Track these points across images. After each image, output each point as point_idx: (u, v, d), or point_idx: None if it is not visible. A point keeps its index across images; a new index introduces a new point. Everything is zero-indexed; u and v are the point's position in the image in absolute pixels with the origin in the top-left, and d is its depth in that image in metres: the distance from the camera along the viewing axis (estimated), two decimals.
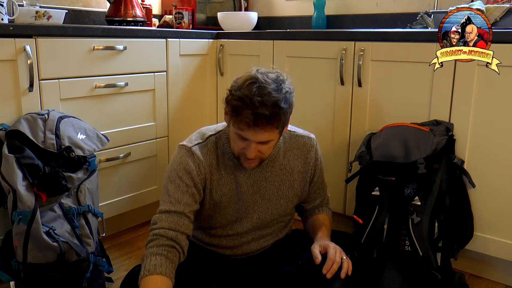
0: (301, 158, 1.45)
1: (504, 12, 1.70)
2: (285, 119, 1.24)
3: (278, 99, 1.19)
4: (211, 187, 1.35)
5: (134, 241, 2.01)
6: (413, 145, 1.58)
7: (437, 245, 1.56)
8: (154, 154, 2.09)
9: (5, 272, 1.41)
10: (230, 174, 1.36)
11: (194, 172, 1.31)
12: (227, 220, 1.42)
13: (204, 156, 1.33)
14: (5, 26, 1.54)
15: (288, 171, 1.43)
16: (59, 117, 1.60)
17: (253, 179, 1.39)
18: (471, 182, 1.62)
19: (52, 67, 1.67)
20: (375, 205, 1.56)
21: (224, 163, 1.36)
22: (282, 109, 1.20)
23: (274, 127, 1.21)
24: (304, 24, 2.62)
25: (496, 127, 1.57)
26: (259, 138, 1.22)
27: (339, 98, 1.92)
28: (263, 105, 1.16)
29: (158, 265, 1.19)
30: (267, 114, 1.17)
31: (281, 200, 1.44)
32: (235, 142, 1.28)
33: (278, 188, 1.43)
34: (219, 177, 1.35)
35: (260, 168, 1.38)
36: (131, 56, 1.92)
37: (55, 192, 1.47)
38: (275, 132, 1.24)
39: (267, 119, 1.18)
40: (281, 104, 1.19)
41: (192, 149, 1.33)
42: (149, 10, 2.47)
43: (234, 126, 1.24)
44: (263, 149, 1.27)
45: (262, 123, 1.18)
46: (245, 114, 1.17)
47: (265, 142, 1.25)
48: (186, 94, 2.20)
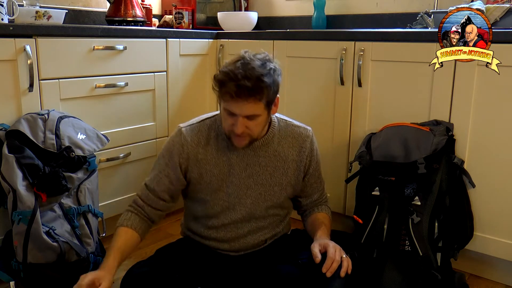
0: (295, 147, 1.46)
1: (504, 12, 1.70)
2: (269, 94, 1.28)
3: (262, 74, 1.25)
4: (200, 166, 1.40)
5: None
6: (413, 145, 1.58)
7: (437, 245, 1.56)
8: (154, 154, 2.09)
9: (5, 272, 1.41)
10: (222, 155, 1.40)
11: (175, 151, 1.40)
12: (221, 206, 1.43)
13: (191, 137, 1.40)
14: (5, 26, 1.54)
15: (282, 158, 1.44)
16: (59, 117, 1.60)
17: (246, 162, 1.41)
18: (471, 182, 1.62)
19: (52, 67, 1.67)
20: (375, 205, 1.56)
21: (217, 145, 1.41)
22: (264, 83, 1.25)
23: (257, 99, 1.26)
24: (304, 24, 2.62)
25: (496, 127, 1.57)
26: (244, 111, 1.27)
27: (339, 98, 1.92)
28: (245, 77, 1.23)
29: (127, 219, 1.41)
30: (249, 86, 1.23)
31: (275, 187, 1.45)
32: (225, 120, 1.33)
33: (272, 174, 1.44)
34: (209, 158, 1.40)
35: (252, 151, 1.41)
36: (131, 56, 1.92)
37: (55, 192, 1.47)
38: (259, 106, 1.28)
39: (249, 91, 1.23)
40: (263, 78, 1.25)
41: (182, 130, 1.41)
42: (149, 10, 2.47)
43: (221, 101, 1.30)
44: (250, 125, 1.30)
45: (244, 95, 1.24)
46: (228, 85, 1.24)
47: (251, 116, 1.29)
48: (186, 94, 2.20)
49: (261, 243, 1.50)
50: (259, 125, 1.33)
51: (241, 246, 1.48)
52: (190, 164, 1.41)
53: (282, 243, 1.53)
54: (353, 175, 1.75)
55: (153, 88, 2.05)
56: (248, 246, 1.48)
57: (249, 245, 1.48)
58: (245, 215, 1.45)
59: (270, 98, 1.30)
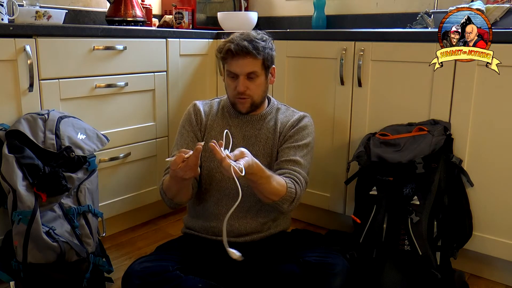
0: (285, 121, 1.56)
1: (504, 12, 1.70)
2: (264, 54, 1.46)
3: (256, 38, 1.46)
4: (207, 133, 1.56)
5: (134, 241, 2.01)
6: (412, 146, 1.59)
7: (436, 244, 1.57)
8: (154, 154, 2.09)
9: (5, 272, 1.41)
10: (226, 125, 1.55)
11: (193, 118, 1.57)
12: (221, 174, 1.48)
13: (203, 108, 1.59)
14: (5, 26, 1.54)
15: (273, 130, 1.54)
16: (59, 117, 1.60)
17: (243, 133, 1.54)
18: (469, 181, 1.62)
19: (52, 67, 1.67)
20: (372, 205, 1.57)
21: (223, 114, 1.58)
22: (259, 43, 1.45)
23: (254, 56, 1.44)
24: (304, 24, 2.62)
25: (496, 127, 1.57)
26: (244, 68, 1.44)
27: (339, 98, 1.92)
28: (242, 39, 1.44)
29: None
30: (245, 45, 1.42)
31: (268, 158, 1.53)
32: (229, 86, 1.50)
33: (264, 145, 1.53)
34: (215, 125, 1.56)
35: (250, 124, 1.54)
36: (131, 56, 1.92)
37: (55, 192, 1.47)
38: (257, 63, 1.45)
39: (246, 48, 1.42)
40: (258, 40, 1.45)
41: (195, 103, 1.61)
42: (149, 10, 2.47)
43: (225, 66, 1.49)
44: (250, 86, 1.47)
45: (242, 51, 1.43)
46: (227, 46, 1.44)
47: (250, 74, 1.45)
48: (186, 94, 2.20)
49: (259, 228, 1.51)
50: (258, 87, 1.49)
51: (241, 227, 1.49)
52: (201, 127, 1.56)
53: (283, 241, 1.54)
54: (352, 176, 1.75)
55: (153, 88, 2.05)
56: (247, 229, 1.49)
57: (247, 227, 1.49)
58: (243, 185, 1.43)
59: (266, 58, 1.47)
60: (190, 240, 1.55)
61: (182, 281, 1.29)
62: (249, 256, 1.46)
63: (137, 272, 1.33)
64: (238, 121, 1.55)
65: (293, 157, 1.48)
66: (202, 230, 1.54)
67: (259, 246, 1.50)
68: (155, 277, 1.30)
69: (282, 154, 1.51)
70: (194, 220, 1.57)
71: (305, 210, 2.16)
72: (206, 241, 1.52)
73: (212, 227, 1.52)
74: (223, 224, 1.19)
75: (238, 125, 1.55)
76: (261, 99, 1.53)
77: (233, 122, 1.55)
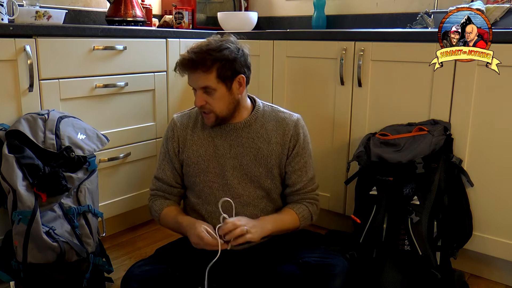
0: (279, 130, 1.50)
1: (504, 12, 1.70)
2: (218, 67, 1.37)
3: (210, 48, 1.38)
4: (188, 147, 1.51)
5: (134, 241, 2.01)
6: (412, 146, 1.59)
7: (436, 244, 1.56)
8: (154, 154, 2.09)
9: (5, 272, 1.41)
10: (208, 136, 1.50)
11: (169, 136, 1.54)
12: (210, 188, 1.49)
13: (181, 121, 1.54)
14: (5, 26, 1.54)
15: (265, 139, 1.49)
16: (59, 117, 1.60)
17: (229, 143, 1.48)
18: (469, 181, 1.62)
19: (52, 67, 1.67)
20: (372, 205, 1.57)
21: (204, 128, 1.51)
22: (211, 56, 1.36)
23: (204, 71, 1.37)
24: (304, 24, 2.62)
25: (496, 127, 1.57)
26: (196, 83, 1.40)
27: (339, 98, 1.92)
28: (193, 52, 1.38)
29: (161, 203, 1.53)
30: (192, 58, 1.37)
31: (260, 167, 1.48)
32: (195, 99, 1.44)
33: (256, 155, 1.48)
34: (196, 139, 1.51)
35: (235, 133, 1.48)
36: (131, 56, 1.92)
37: (55, 192, 1.47)
38: (209, 78, 1.37)
39: (193, 62, 1.37)
40: (211, 52, 1.37)
41: (174, 118, 1.56)
42: (149, 10, 2.47)
43: None
44: (209, 100, 1.41)
45: (189, 65, 1.38)
46: (178, 59, 1.41)
47: (206, 89, 1.39)
48: (186, 94, 2.19)
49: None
50: (218, 101, 1.41)
51: None
52: (180, 146, 1.52)
53: (283, 241, 1.53)
54: (352, 176, 1.75)
55: (153, 88, 2.05)
56: None
57: None
58: (234, 196, 1.46)
59: (221, 72, 1.38)
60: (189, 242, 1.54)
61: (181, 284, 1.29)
62: (249, 257, 1.47)
63: (136, 276, 1.32)
64: (221, 131, 1.48)
65: (305, 178, 1.52)
66: None
67: (259, 247, 1.50)
68: (154, 280, 1.30)
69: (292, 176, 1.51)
70: None
71: None
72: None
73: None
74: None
75: (222, 134, 1.48)
76: (226, 111, 1.44)
77: (215, 132, 1.49)
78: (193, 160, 1.49)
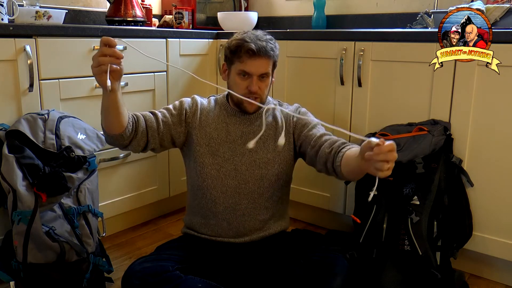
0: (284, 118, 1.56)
1: (504, 12, 1.70)
2: (275, 56, 1.47)
3: (268, 39, 1.47)
4: (201, 128, 1.53)
5: (134, 241, 2.01)
6: (412, 146, 1.59)
7: (436, 244, 1.57)
8: (154, 154, 2.09)
9: (5, 272, 1.41)
10: (222, 122, 1.53)
11: (187, 105, 1.55)
12: (217, 171, 1.49)
13: (201, 101, 1.58)
14: (5, 26, 1.54)
15: (274, 126, 1.54)
16: (59, 117, 1.60)
17: (242, 130, 1.52)
18: (469, 181, 1.62)
19: (52, 67, 1.67)
20: (372, 205, 1.57)
21: (219, 112, 1.55)
22: (273, 44, 1.47)
23: (270, 57, 1.45)
24: (304, 24, 2.62)
25: (496, 127, 1.57)
26: (259, 69, 1.43)
27: (339, 98, 1.92)
28: (259, 39, 1.44)
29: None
30: (264, 45, 1.43)
31: (268, 153, 1.51)
32: (238, 85, 1.46)
33: (265, 141, 1.52)
34: (211, 121, 1.53)
35: (248, 121, 1.53)
36: (131, 56, 1.92)
37: (55, 192, 1.47)
38: (270, 64, 1.46)
39: (266, 49, 1.43)
40: (271, 41, 1.46)
41: (194, 95, 1.61)
42: (149, 10, 2.47)
43: (236, 64, 1.45)
44: (261, 85, 1.46)
45: (262, 52, 1.42)
46: (247, 46, 1.42)
47: (263, 75, 1.45)
48: (186, 94, 2.19)
49: (258, 226, 1.51)
50: (266, 88, 1.49)
51: (239, 226, 1.49)
52: (194, 121, 1.52)
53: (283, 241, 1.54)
54: None
55: (153, 88, 2.05)
56: (246, 229, 1.50)
57: (246, 226, 1.49)
58: (240, 182, 1.48)
59: (275, 62, 1.49)
60: (190, 240, 1.55)
61: (182, 281, 1.29)
62: (250, 257, 1.47)
63: (136, 272, 1.33)
64: (236, 119, 1.53)
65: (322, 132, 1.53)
66: (202, 227, 1.54)
67: (259, 247, 1.50)
68: (155, 277, 1.30)
69: (309, 136, 1.51)
70: (193, 217, 1.57)
71: (305, 210, 2.16)
72: (206, 241, 1.52)
73: (212, 224, 1.52)
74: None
75: (236, 123, 1.53)
76: (265, 98, 1.53)
77: (230, 120, 1.53)
78: (205, 141, 1.51)
